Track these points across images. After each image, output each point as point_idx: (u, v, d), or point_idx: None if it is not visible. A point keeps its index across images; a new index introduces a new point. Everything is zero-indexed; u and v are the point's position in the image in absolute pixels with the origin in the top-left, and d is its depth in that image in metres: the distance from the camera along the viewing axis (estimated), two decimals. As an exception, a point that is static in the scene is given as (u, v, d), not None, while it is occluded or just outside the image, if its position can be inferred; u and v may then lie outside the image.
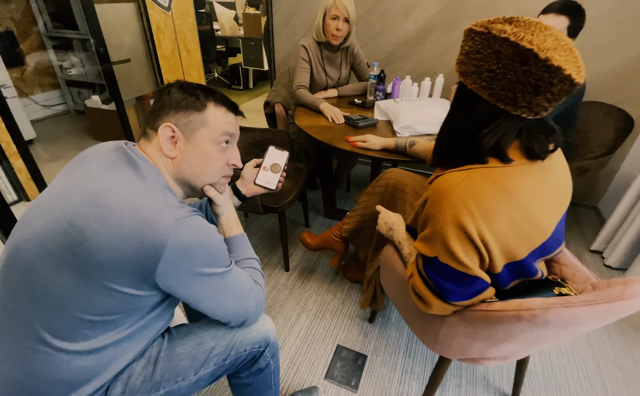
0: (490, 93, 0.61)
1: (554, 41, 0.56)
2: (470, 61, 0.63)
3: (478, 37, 0.60)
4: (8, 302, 0.57)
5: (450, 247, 0.65)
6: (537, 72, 0.56)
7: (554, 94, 0.57)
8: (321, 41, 1.71)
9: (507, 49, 0.56)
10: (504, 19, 0.61)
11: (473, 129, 0.66)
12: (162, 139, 0.63)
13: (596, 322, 0.62)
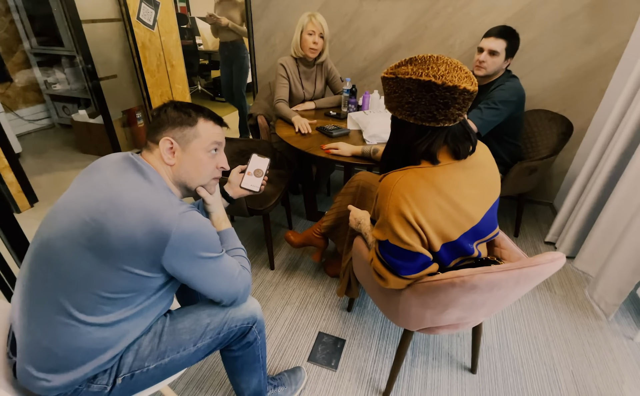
0: (414, 118, 0.79)
1: (446, 67, 0.73)
2: (392, 99, 0.81)
3: (391, 81, 0.78)
4: (39, 284, 0.69)
5: (395, 230, 0.82)
6: (440, 93, 0.73)
7: (460, 104, 0.75)
8: (298, 57, 1.89)
9: (414, 84, 0.74)
10: (406, 61, 0.78)
11: (409, 144, 0.82)
12: (162, 150, 0.77)
13: (513, 284, 0.80)
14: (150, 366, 0.78)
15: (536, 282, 0.83)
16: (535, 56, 1.96)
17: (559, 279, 1.76)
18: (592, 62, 1.89)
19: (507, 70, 1.62)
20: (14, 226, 1.17)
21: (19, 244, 1.19)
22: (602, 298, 1.56)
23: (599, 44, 1.84)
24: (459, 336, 1.45)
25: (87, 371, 0.71)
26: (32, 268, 0.70)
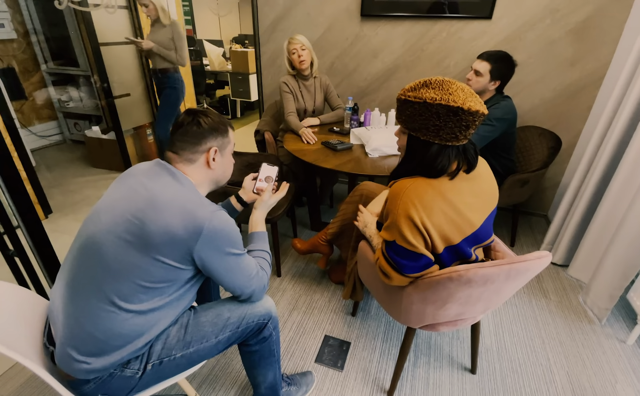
0: (439, 138, 0.87)
1: (463, 93, 0.83)
2: (415, 121, 0.88)
3: (417, 105, 0.86)
4: (86, 275, 0.77)
5: (403, 233, 0.91)
6: (465, 117, 0.83)
7: (476, 125, 0.86)
8: (295, 73, 2.06)
9: (443, 109, 0.83)
10: (421, 84, 0.87)
11: (431, 162, 0.90)
12: (210, 157, 0.88)
13: (505, 279, 0.88)
14: (177, 354, 0.85)
15: (526, 277, 0.92)
16: (525, 77, 2.11)
17: (554, 286, 1.83)
18: (578, 82, 2.03)
19: (501, 91, 1.75)
20: (41, 231, 1.25)
21: (44, 247, 1.27)
22: (594, 303, 1.64)
23: (583, 65, 1.99)
24: (459, 338, 1.52)
25: (123, 356, 0.78)
26: (78, 261, 0.79)
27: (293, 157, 2.03)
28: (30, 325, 0.85)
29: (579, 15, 1.89)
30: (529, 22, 2.00)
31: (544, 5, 1.93)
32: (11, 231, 1.20)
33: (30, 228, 1.21)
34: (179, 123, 0.88)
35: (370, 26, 2.33)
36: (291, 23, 2.49)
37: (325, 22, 2.41)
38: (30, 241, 1.23)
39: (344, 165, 1.57)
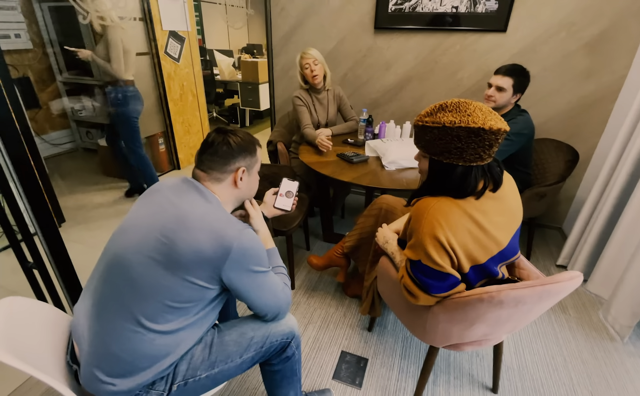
0: (463, 160, 0.86)
1: (482, 113, 0.82)
2: (436, 145, 0.87)
3: (436, 130, 0.85)
4: (113, 294, 0.77)
5: (428, 252, 0.89)
6: (488, 137, 0.82)
7: (499, 142, 0.85)
8: (308, 87, 2.06)
9: (463, 131, 0.82)
10: (438, 108, 0.86)
11: (459, 183, 0.88)
12: (238, 177, 0.88)
13: (537, 300, 0.86)
14: (202, 375, 0.84)
15: (557, 298, 0.90)
16: (539, 89, 2.09)
17: (573, 301, 1.80)
18: (593, 94, 2.02)
19: (517, 105, 1.74)
20: (59, 242, 1.25)
21: (62, 258, 1.27)
22: (616, 320, 1.60)
23: (599, 78, 1.97)
24: (479, 356, 1.49)
25: (148, 377, 0.77)
26: (105, 280, 0.78)
27: (306, 167, 2.02)
28: (54, 342, 0.84)
29: (595, 29, 1.89)
30: (544, 35, 2.00)
31: (559, 19, 1.93)
32: (30, 241, 1.20)
33: (48, 238, 1.21)
34: (209, 143, 0.87)
35: (384, 38, 2.34)
36: (304, 35, 2.51)
37: (338, 35, 2.42)
38: (48, 252, 1.22)
39: (361, 178, 1.56)
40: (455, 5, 2.10)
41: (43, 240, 1.20)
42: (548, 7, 1.93)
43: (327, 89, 2.12)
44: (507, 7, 2.00)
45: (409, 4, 2.19)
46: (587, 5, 1.86)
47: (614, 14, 1.83)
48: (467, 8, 2.09)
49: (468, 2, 2.07)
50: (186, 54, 3.07)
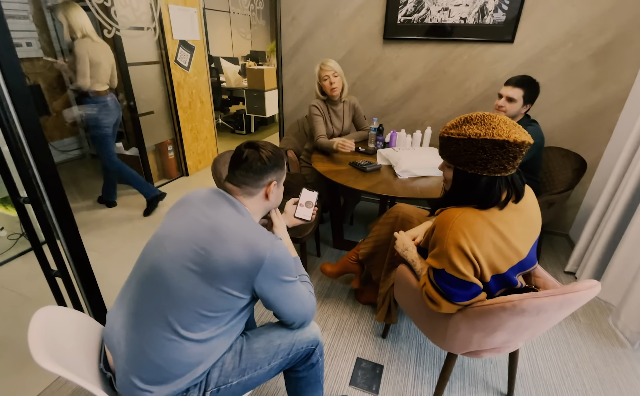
0: (488, 171, 0.89)
1: (506, 126, 0.85)
2: (461, 156, 0.90)
3: (461, 142, 0.88)
4: (150, 303, 0.79)
5: (453, 262, 0.92)
6: (512, 149, 0.84)
7: (523, 155, 0.88)
8: (325, 99, 2.07)
9: (488, 143, 0.85)
10: (463, 121, 0.89)
11: (484, 194, 0.91)
12: (270, 191, 0.92)
13: (557, 308, 0.89)
14: (233, 382, 0.86)
15: (576, 306, 0.93)
16: (546, 98, 2.13)
17: (582, 308, 1.82)
18: (599, 104, 2.06)
19: (527, 115, 1.77)
20: (80, 249, 1.27)
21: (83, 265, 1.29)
22: (626, 327, 1.62)
23: (605, 88, 2.01)
24: (492, 363, 1.51)
25: (183, 385, 0.79)
26: (143, 289, 0.81)
27: (317, 175, 2.05)
28: (88, 349, 0.86)
29: (601, 40, 1.93)
30: (551, 46, 2.04)
31: (566, 30, 1.97)
32: (54, 248, 1.22)
33: (71, 245, 1.23)
34: (243, 158, 0.89)
35: (392, 49, 2.38)
36: (314, 45, 2.55)
37: (347, 45, 2.47)
38: (70, 259, 1.24)
39: (375, 186, 1.59)
40: (464, 16, 2.15)
41: (65, 247, 1.22)
42: (554, 19, 1.98)
43: (344, 101, 2.15)
44: (514, 19, 2.05)
45: (417, 16, 2.23)
46: (593, 18, 1.90)
47: (619, 26, 1.87)
48: (475, 19, 2.13)
49: (476, 14, 2.12)
50: (195, 62, 3.11)
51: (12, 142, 1.01)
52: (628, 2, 1.82)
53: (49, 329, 0.75)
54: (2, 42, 0.92)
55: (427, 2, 2.18)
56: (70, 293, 1.29)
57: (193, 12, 2.99)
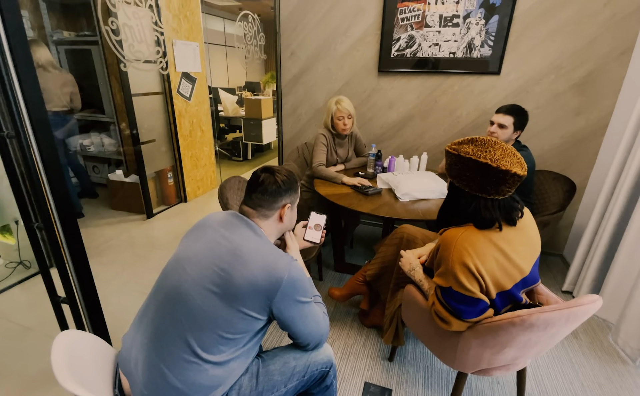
0: (469, 188, 0.96)
1: (502, 152, 0.91)
2: (453, 169, 0.99)
3: (454, 156, 0.97)
4: (172, 324, 0.80)
5: (459, 279, 0.95)
6: (494, 174, 0.90)
7: (510, 184, 0.92)
8: (334, 133, 2.16)
9: (473, 163, 0.92)
10: (468, 140, 0.97)
11: (465, 209, 0.98)
12: (284, 213, 0.95)
13: (564, 322, 0.92)
14: (250, 404, 0.85)
15: (581, 320, 0.96)
16: (534, 125, 2.26)
17: (583, 327, 1.85)
18: (584, 129, 2.19)
19: (518, 141, 1.88)
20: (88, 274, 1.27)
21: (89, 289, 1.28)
22: (626, 344, 1.65)
23: (588, 115, 2.15)
24: (499, 382, 1.51)
25: (202, 408, 0.79)
26: (164, 311, 0.82)
27: (318, 200, 2.10)
28: (104, 373, 0.85)
29: (581, 72, 2.09)
30: (535, 77, 2.19)
31: (548, 62, 2.13)
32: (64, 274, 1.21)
33: (79, 272, 1.23)
34: (259, 182, 0.93)
35: (387, 80, 2.52)
36: (312, 77, 2.68)
37: (344, 77, 2.60)
38: (77, 286, 1.24)
39: (378, 209, 1.64)
40: (453, 51, 2.31)
41: (74, 273, 1.22)
42: (537, 53, 2.14)
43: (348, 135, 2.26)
44: (499, 53, 2.21)
45: (410, 50, 2.38)
46: (572, 51, 2.07)
47: (597, 58, 2.03)
48: (463, 54, 2.29)
49: (464, 49, 2.28)
50: (196, 92, 3.21)
51: (31, 169, 1.03)
52: (603, 37, 1.99)
53: (70, 352, 0.75)
54: (27, 76, 0.97)
55: (419, 38, 2.34)
56: (77, 320, 1.27)
57: (195, 46, 3.12)
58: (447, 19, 2.24)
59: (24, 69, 0.96)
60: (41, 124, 1.02)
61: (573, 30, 2.03)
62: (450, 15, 2.23)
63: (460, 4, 2.19)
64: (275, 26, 2.63)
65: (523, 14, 2.10)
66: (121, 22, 1.83)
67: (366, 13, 2.39)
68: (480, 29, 2.20)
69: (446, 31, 2.27)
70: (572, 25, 2.02)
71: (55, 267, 1.21)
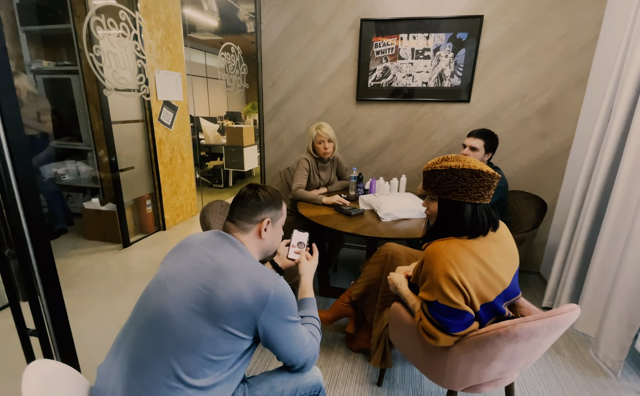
0: (469, 198, 1.00)
1: (477, 162, 1.00)
2: (445, 186, 1.02)
3: (444, 172, 1.01)
4: (153, 349, 0.75)
5: (444, 291, 0.97)
6: (486, 178, 0.97)
7: (495, 186, 1.00)
8: (316, 157, 2.21)
9: (467, 172, 0.98)
10: (442, 159, 1.03)
11: (468, 219, 1.00)
12: (263, 228, 0.93)
13: (547, 331, 0.94)
14: (235, 434, 0.80)
15: (562, 329, 0.99)
16: (504, 148, 2.40)
17: (565, 342, 1.88)
18: (549, 152, 2.35)
19: (490, 163, 1.98)
20: (61, 305, 1.19)
21: (62, 321, 1.19)
22: (606, 357, 1.69)
23: (552, 138, 2.32)
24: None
25: (182, 439, 0.73)
26: (145, 334, 0.77)
27: (300, 223, 2.10)
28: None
29: (543, 99, 2.27)
30: (502, 104, 2.36)
31: (513, 91, 2.31)
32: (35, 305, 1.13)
33: (51, 303, 1.15)
34: (240, 196, 0.95)
35: (365, 108, 2.63)
36: (293, 105, 2.76)
37: (324, 105, 2.69)
38: (49, 318, 1.15)
39: (362, 229, 1.66)
40: (425, 81, 2.46)
41: (45, 304, 1.14)
42: (502, 82, 2.32)
43: (330, 159, 2.31)
44: (468, 83, 2.37)
45: (385, 81, 2.52)
46: (533, 81, 2.25)
47: (556, 87, 2.22)
48: (435, 84, 2.44)
49: (436, 79, 2.43)
50: (178, 120, 3.22)
51: (6, 196, 0.99)
52: (560, 69, 2.19)
53: (43, 384, 0.69)
54: (7, 99, 0.95)
55: (393, 69, 2.48)
56: (46, 354, 1.17)
57: (177, 76, 3.16)
58: (419, 52, 2.40)
59: (5, 92, 0.94)
60: (19, 146, 0.99)
61: (533, 62, 2.23)
62: (422, 49, 2.39)
63: (430, 39, 2.36)
64: (257, 58, 2.72)
65: (487, 48, 2.28)
66: (105, 49, 1.85)
67: (343, 47, 2.53)
68: (450, 61, 2.37)
69: (418, 63, 2.43)
70: (532, 58, 2.22)
71: (26, 296, 1.13)
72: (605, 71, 1.99)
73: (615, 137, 1.71)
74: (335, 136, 2.21)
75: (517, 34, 2.21)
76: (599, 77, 2.07)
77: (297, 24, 2.57)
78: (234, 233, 0.93)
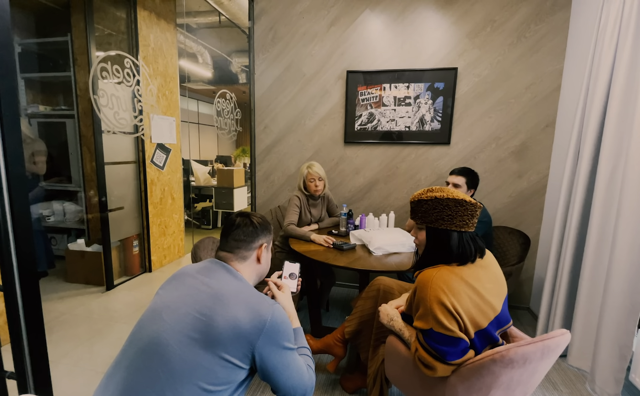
0: (455, 225, 1.05)
1: (459, 193, 1.07)
2: (431, 215, 1.08)
3: (430, 202, 1.07)
4: (148, 379, 0.72)
5: (438, 318, 0.98)
6: (469, 207, 1.04)
7: (477, 215, 1.06)
8: (307, 194, 2.28)
9: (451, 202, 1.04)
10: (427, 190, 1.11)
11: (456, 246, 1.05)
12: (262, 254, 0.96)
13: (540, 357, 0.96)
14: None
15: (555, 355, 1.00)
16: (485, 186, 2.54)
17: (560, 378, 1.86)
18: (527, 189, 2.49)
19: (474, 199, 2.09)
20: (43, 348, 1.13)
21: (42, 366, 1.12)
22: (603, 391, 1.68)
23: (528, 177, 2.47)
24: (490, 445, 1.43)
25: None
26: (138, 366, 0.75)
27: (292, 259, 2.09)
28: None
29: (516, 141, 2.45)
30: (479, 146, 2.53)
31: (488, 134, 2.49)
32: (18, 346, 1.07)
33: (33, 346, 1.09)
34: (235, 225, 0.97)
35: (352, 150, 2.76)
36: (284, 147, 2.87)
37: (314, 147, 2.82)
38: (29, 361, 1.09)
39: (354, 263, 1.67)
40: (408, 125, 2.63)
41: (27, 346, 1.08)
42: (478, 126, 2.51)
43: (320, 196, 2.38)
44: (447, 128, 2.55)
45: (371, 125, 2.69)
46: (506, 125, 2.45)
47: (527, 130, 2.42)
48: (417, 127, 2.62)
49: (417, 123, 2.61)
50: (170, 162, 3.27)
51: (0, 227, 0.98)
52: (529, 114, 2.40)
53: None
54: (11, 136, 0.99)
55: (378, 115, 2.66)
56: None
57: (172, 120, 3.28)
58: (401, 100, 2.60)
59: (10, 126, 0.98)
60: (18, 179, 1.00)
61: (504, 109, 2.44)
62: (403, 97, 2.59)
63: (410, 88, 2.57)
64: (250, 104, 2.87)
65: (462, 96, 2.50)
66: (109, 92, 1.96)
67: (331, 95, 2.72)
68: (429, 107, 2.56)
69: (400, 109, 2.61)
70: (502, 105, 2.43)
71: (9, 336, 1.08)
72: (569, 116, 2.20)
73: (585, 174, 1.85)
74: (325, 174, 2.30)
75: (488, 84, 2.44)
76: (565, 122, 2.27)
77: (288, 75, 2.77)
78: (231, 262, 0.94)
